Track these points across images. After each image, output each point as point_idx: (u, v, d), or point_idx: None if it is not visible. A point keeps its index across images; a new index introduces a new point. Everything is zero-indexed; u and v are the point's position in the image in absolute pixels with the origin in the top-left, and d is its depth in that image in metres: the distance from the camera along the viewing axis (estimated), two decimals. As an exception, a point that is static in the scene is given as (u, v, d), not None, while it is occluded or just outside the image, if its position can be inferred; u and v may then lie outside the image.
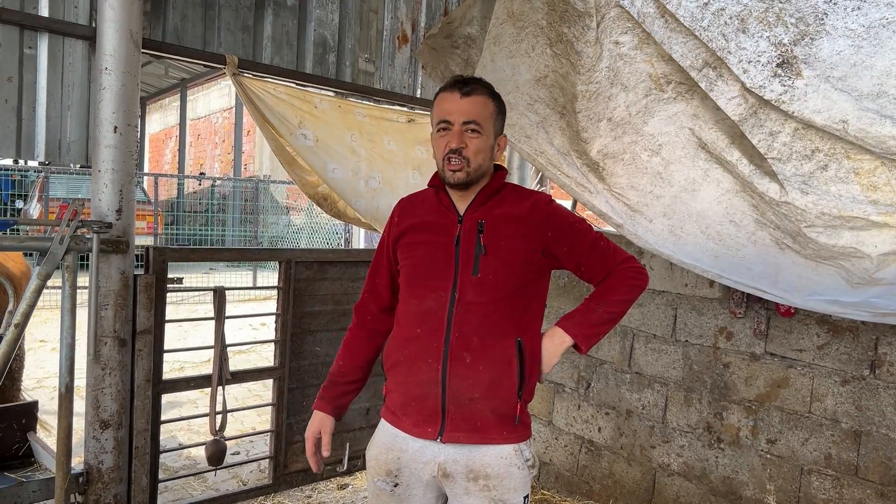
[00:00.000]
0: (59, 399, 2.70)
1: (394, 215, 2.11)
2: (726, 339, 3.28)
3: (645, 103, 2.48)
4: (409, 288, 2.00)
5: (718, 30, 2.11)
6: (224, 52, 3.28)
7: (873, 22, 1.90)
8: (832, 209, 2.13)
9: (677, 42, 2.23)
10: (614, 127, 2.61)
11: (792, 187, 2.17)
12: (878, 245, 2.11)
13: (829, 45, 1.96)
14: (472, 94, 1.90)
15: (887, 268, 2.12)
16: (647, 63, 2.41)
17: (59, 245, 2.57)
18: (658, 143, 2.52)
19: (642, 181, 2.63)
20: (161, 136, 22.36)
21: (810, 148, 2.10)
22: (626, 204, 2.70)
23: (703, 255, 2.57)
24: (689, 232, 2.58)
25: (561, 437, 4.07)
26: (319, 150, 3.53)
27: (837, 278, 2.25)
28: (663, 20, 2.23)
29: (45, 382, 5.83)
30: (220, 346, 3.30)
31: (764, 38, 2.05)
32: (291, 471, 3.66)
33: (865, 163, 2.04)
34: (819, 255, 2.25)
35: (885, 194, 2.04)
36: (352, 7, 3.79)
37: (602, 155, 2.71)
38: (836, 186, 2.11)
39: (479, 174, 1.95)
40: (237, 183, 14.68)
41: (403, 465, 1.96)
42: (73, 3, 2.85)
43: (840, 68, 1.96)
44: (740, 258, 2.48)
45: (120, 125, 2.73)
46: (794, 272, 2.36)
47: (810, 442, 2.98)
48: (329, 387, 2.15)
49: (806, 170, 2.13)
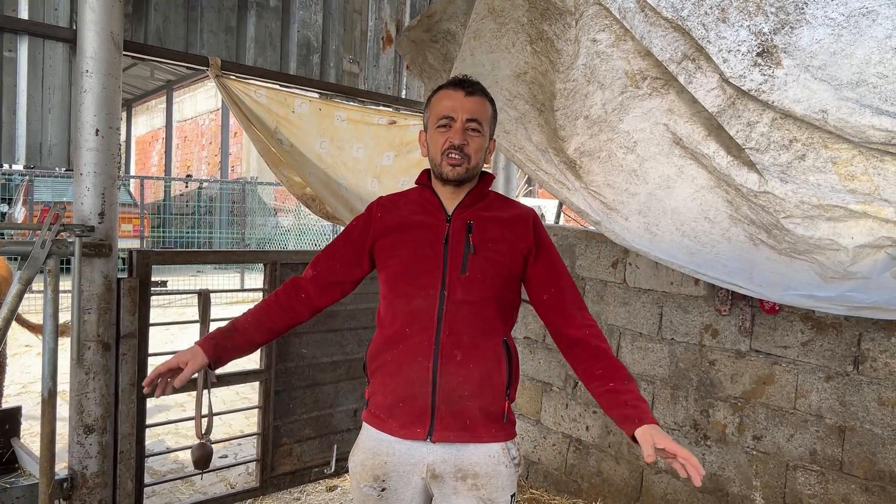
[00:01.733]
0: (41, 404, 2.67)
1: (374, 211, 2.08)
2: (712, 337, 3.29)
3: (621, 100, 2.49)
4: (397, 287, 1.98)
5: (698, 20, 2.11)
6: (207, 53, 3.27)
7: (853, 11, 1.90)
8: (811, 198, 2.13)
9: (657, 36, 2.23)
10: (591, 125, 2.62)
11: (771, 176, 2.17)
12: (854, 237, 2.11)
13: (810, 33, 1.96)
14: (475, 95, 1.94)
15: (862, 261, 2.12)
16: (623, 60, 2.41)
17: (40, 249, 2.54)
18: (633, 140, 2.53)
19: (618, 179, 2.64)
20: (147, 138, 22.23)
21: (788, 138, 2.10)
22: (603, 202, 2.71)
23: (678, 252, 2.57)
24: (664, 229, 2.58)
25: (549, 437, 4.07)
26: (294, 154, 3.54)
27: (811, 273, 2.26)
28: (643, 14, 2.23)
29: (31, 387, 5.78)
30: (206, 349, 3.28)
31: (744, 27, 2.05)
32: (279, 473, 3.65)
33: (843, 152, 2.04)
34: (794, 250, 2.25)
35: (862, 183, 2.04)
36: (336, 8, 3.78)
37: (579, 153, 2.71)
38: (814, 176, 2.11)
39: (475, 172, 1.98)
40: (224, 185, 14.62)
41: (391, 469, 1.94)
42: (53, 6, 2.83)
43: (820, 57, 1.96)
44: (715, 254, 2.48)
45: (102, 128, 2.71)
46: (768, 267, 2.36)
47: (795, 438, 3.00)
48: (224, 333, 2.01)
49: (784, 160, 2.13)
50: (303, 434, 3.73)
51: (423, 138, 2.03)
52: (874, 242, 2.10)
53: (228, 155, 17.07)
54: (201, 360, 1.92)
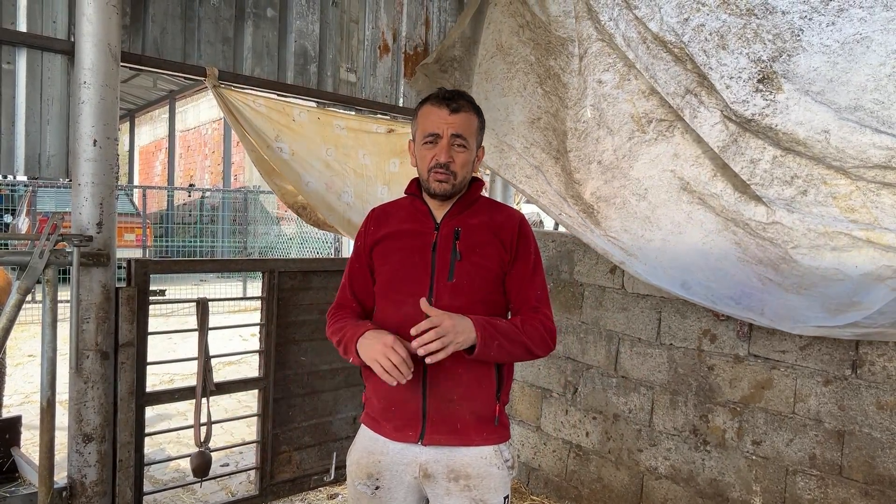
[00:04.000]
0: (40, 413, 2.69)
1: (368, 224, 2.13)
2: (710, 342, 3.29)
3: (629, 146, 2.57)
4: (387, 294, 2.03)
5: (699, 45, 2.16)
6: (204, 64, 3.29)
7: (847, 37, 1.93)
8: (817, 226, 2.19)
9: (660, 69, 2.28)
10: (604, 171, 2.70)
11: (778, 207, 2.23)
12: (858, 265, 2.16)
13: (806, 61, 2.01)
14: (461, 111, 1.96)
15: (865, 291, 2.16)
16: (628, 103, 2.48)
17: (38, 259, 2.56)
18: (644, 188, 2.60)
19: (633, 225, 2.72)
20: (151, 148, 22.32)
21: (789, 175, 2.16)
22: (622, 248, 2.79)
23: (698, 289, 2.66)
24: (681, 270, 2.68)
25: (549, 443, 4.07)
26: (295, 162, 3.55)
27: (817, 306, 2.32)
28: (646, 46, 2.28)
29: (34, 397, 5.79)
30: (204, 358, 3.30)
31: (743, 54, 2.10)
32: (279, 481, 3.66)
33: (841, 187, 2.09)
34: (800, 285, 2.31)
35: (862, 215, 2.09)
36: (332, 18, 3.80)
37: (595, 198, 2.80)
38: (817, 209, 2.18)
39: (462, 186, 2.02)
40: (227, 194, 14.66)
41: (384, 468, 1.99)
42: (52, 18, 2.85)
43: (818, 84, 2.00)
44: (728, 290, 2.56)
45: (99, 138, 2.73)
46: (777, 303, 2.43)
47: (795, 442, 2.99)
48: (357, 321, 1.99)
49: (787, 195, 2.20)
50: (302, 442, 3.74)
51: (412, 148, 2.07)
52: (876, 272, 2.14)
53: (231, 164, 17.13)
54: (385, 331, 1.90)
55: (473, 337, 1.81)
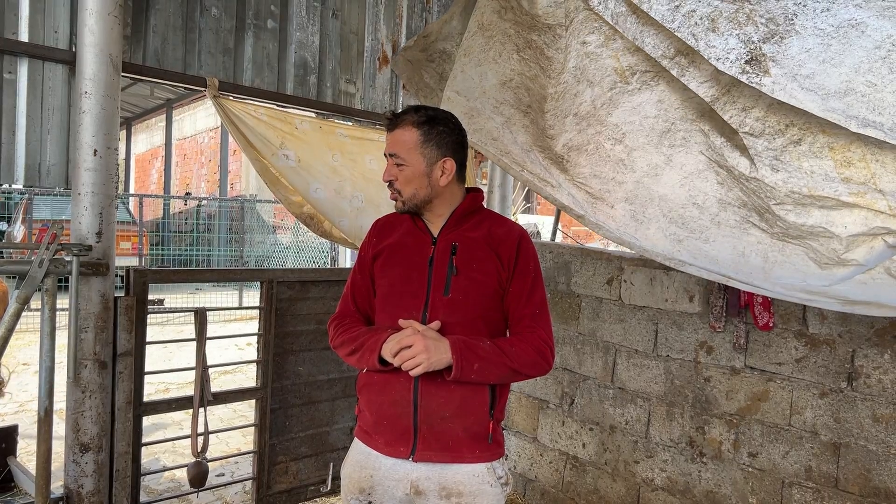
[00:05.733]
0: (38, 423, 2.68)
1: (372, 234, 2.14)
2: (707, 354, 3.31)
3: (610, 96, 2.50)
4: (384, 308, 2.03)
5: (689, 30, 2.12)
6: (205, 74, 3.30)
7: (842, 22, 1.91)
8: (802, 188, 2.09)
9: (649, 35, 2.25)
10: (579, 121, 2.62)
11: (762, 163, 2.13)
12: (847, 226, 2.09)
13: (799, 43, 1.97)
14: (396, 128, 1.98)
15: (857, 248, 2.09)
16: (612, 58, 2.43)
17: (38, 268, 2.56)
18: (622, 132, 2.51)
19: (605, 169, 2.62)
20: (147, 156, 22.30)
21: (784, 122, 2.08)
22: (588, 192, 2.67)
23: (665, 241, 2.53)
24: (651, 216, 2.54)
25: (546, 454, 4.07)
26: (302, 170, 3.55)
27: (805, 258, 2.22)
28: (635, 17, 2.25)
29: (29, 406, 5.77)
30: (202, 368, 3.30)
31: (734, 35, 2.06)
32: (275, 491, 3.65)
33: (841, 138, 2.01)
34: (787, 234, 2.22)
35: (858, 170, 2.01)
36: (332, 29, 3.83)
37: (567, 148, 2.71)
38: (808, 162, 2.08)
39: (419, 201, 2.00)
40: (223, 202, 14.65)
41: (376, 483, 1.98)
42: (53, 28, 2.87)
43: (808, 66, 1.96)
44: (704, 240, 2.43)
45: (100, 148, 2.74)
46: (759, 253, 2.30)
47: (791, 455, 3.00)
48: (376, 329, 2.00)
49: (779, 144, 2.11)
50: (299, 452, 3.73)
51: None
52: (869, 231, 2.05)
53: (227, 172, 17.12)
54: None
55: (448, 359, 1.81)
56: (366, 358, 1.91)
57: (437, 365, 1.81)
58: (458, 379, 1.84)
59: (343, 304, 2.12)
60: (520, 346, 1.92)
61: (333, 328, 2.07)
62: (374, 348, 1.88)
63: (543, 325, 1.99)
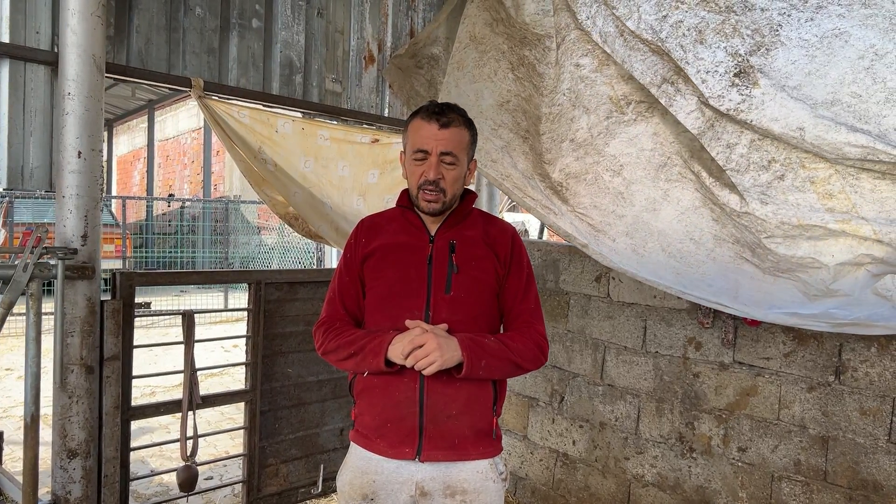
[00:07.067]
0: (24, 429, 2.64)
1: (358, 235, 2.09)
2: (695, 350, 3.32)
3: (606, 125, 2.53)
4: (381, 309, 1.99)
5: (677, 41, 2.15)
6: (189, 74, 3.27)
7: (826, 32, 1.95)
8: (791, 218, 2.16)
9: (637, 60, 2.27)
10: (576, 147, 2.65)
11: (751, 198, 2.21)
12: (834, 255, 2.15)
13: (784, 55, 2.00)
14: (451, 126, 1.92)
15: (843, 278, 2.16)
16: (607, 85, 2.46)
17: (22, 272, 2.53)
18: (620, 164, 2.57)
19: (604, 201, 2.67)
20: (129, 157, 22.10)
21: (766, 158, 2.14)
22: (590, 224, 2.74)
23: (665, 273, 2.60)
24: (650, 250, 2.61)
25: (536, 452, 4.07)
26: (280, 173, 3.54)
27: (795, 291, 2.29)
28: (623, 39, 2.28)
29: (12, 412, 5.70)
30: (190, 371, 3.27)
31: (721, 48, 2.09)
32: (265, 494, 3.62)
33: (820, 171, 2.08)
34: (777, 269, 2.29)
35: (840, 202, 2.08)
36: (318, 28, 3.81)
37: (565, 175, 2.74)
38: (793, 195, 2.15)
39: (453, 203, 1.99)
40: (207, 204, 14.54)
41: (379, 488, 1.95)
42: (35, 29, 2.83)
43: (795, 77, 2.00)
44: (700, 274, 2.51)
45: (84, 150, 2.71)
46: (752, 286, 2.39)
47: (780, 449, 3.02)
48: (369, 332, 1.96)
49: (764, 180, 2.18)
50: (289, 454, 3.71)
51: (403, 160, 2.05)
52: (854, 260, 2.13)
53: (211, 174, 17.01)
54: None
55: (459, 356, 1.82)
56: (368, 361, 1.88)
57: (449, 363, 1.81)
58: (468, 376, 1.85)
59: (330, 308, 2.06)
60: (521, 341, 1.94)
61: (322, 333, 2.01)
62: (377, 351, 1.86)
63: (539, 319, 2.03)
